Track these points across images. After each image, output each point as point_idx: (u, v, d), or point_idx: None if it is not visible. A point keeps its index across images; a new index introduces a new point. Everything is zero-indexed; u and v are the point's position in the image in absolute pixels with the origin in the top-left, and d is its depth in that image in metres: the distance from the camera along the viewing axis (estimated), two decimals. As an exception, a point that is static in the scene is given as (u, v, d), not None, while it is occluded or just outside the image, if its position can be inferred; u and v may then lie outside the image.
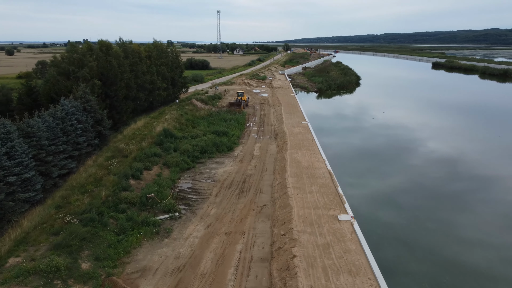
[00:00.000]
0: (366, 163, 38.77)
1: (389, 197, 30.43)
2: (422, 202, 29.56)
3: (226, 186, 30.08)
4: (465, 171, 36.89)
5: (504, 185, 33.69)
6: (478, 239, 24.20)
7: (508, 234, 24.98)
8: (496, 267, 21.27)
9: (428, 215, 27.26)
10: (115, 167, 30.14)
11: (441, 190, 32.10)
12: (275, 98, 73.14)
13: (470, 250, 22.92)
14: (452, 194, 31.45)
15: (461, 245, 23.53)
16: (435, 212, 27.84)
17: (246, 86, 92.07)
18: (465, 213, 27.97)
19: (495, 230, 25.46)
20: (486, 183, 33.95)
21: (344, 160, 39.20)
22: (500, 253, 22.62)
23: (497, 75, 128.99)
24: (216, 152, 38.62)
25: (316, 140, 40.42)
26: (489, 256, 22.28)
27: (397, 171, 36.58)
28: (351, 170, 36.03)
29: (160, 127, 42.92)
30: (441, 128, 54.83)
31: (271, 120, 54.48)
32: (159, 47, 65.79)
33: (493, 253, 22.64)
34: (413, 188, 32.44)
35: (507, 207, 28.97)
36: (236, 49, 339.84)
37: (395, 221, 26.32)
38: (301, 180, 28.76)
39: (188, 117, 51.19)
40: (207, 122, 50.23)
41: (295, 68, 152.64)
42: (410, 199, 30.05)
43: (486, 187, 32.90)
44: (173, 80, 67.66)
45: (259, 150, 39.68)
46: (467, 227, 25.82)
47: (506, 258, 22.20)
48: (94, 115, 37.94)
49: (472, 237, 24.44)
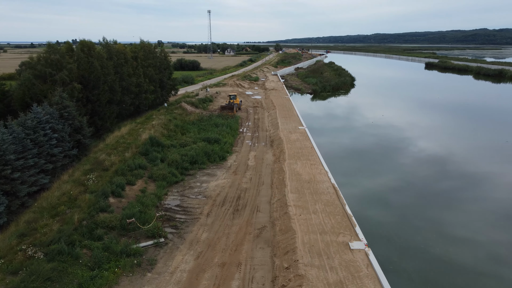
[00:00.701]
0: (371, 173, 35.86)
1: (404, 217, 27.51)
2: (443, 215, 26.73)
3: (219, 203, 26.85)
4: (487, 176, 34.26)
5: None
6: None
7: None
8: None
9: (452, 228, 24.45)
10: (93, 183, 26.70)
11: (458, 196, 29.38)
12: (269, 100, 70.04)
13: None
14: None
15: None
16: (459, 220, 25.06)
17: (238, 87, 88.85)
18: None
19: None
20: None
21: (347, 170, 36.24)
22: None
23: (492, 76, 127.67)
24: (208, 163, 35.35)
25: (315, 148, 37.38)
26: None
27: (407, 181, 33.73)
28: (357, 183, 33.05)
29: (146, 134, 39.48)
30: (444, 130, 52.30)
31: (265, 125, 51.33)
32: (146, 48, 62.24)
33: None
34: (432, 201, 29.61)
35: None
36: (227, 49, 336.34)
37: (413, 246, 23.40)
38: (303, 197, 25.66)
39: (177, 122, 47.77)
40: (197, 127, 46.87)
41: (288, 68, 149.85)
42: (431, 219, 27.18)
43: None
44: (162, 82, 64.18)
45: (254, 159, 36.50)
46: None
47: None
48: (72, 122, 34.41)
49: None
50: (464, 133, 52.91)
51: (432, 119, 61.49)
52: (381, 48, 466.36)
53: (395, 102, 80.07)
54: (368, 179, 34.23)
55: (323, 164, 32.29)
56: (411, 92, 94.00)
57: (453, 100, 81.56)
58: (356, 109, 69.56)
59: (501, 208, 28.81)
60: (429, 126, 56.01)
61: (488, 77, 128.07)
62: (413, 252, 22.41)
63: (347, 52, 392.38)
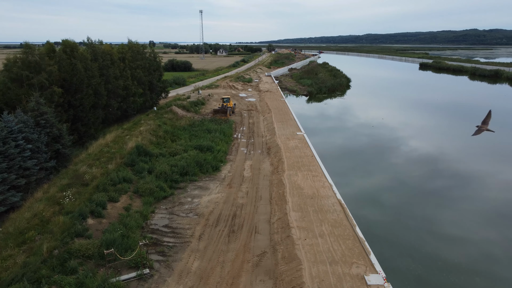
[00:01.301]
0: (379, 185, 33.26)
1: (425, 240, 24.92)
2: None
3: (212, 222, 23.98)
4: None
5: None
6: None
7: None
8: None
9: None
10: (70, 202, 23.67)
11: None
12: (264, 103, 67.26)
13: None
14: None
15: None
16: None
17: (231, 89, 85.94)
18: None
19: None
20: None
21: (352, 182, 33.62)
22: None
23: (488, 76, 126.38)
24: (200, 174, 32.41)
25: (316, 156, 34.64)
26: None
27: (420, 189, 31.20)
28: (365, 197, 30.37)
29: (133, 142, 36.42)
30: (451, 132, 50.02)
31: (261, 130, 48.52)
32: (135, 48, 59.06)
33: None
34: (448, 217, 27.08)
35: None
36: (220, 50, 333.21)
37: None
38: (307, 216, 22.89)
39: (167, 128, 44.72)
40: (188, 134, 43.86)
41: (282, 69, 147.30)
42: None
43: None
44: (151, 84, 61.06)
45: (250, 169, 33.65)
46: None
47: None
48: (50, 130, 31.24)
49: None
50: (465, 134, 50.62)
51: (433, 121, 59.24)
52: (373, 48, 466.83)
53: (394, 104, 77.81)
54: (377, 191, 31.61)
55: (326, 176, 29.57)
56: (408, 93, 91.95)
57: (454, 101, 79.54)
58: (354, 112, 67.09)
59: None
60: (432, 129, 53.71)
61: (484, 77, 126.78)
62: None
63: (340, 52, 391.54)
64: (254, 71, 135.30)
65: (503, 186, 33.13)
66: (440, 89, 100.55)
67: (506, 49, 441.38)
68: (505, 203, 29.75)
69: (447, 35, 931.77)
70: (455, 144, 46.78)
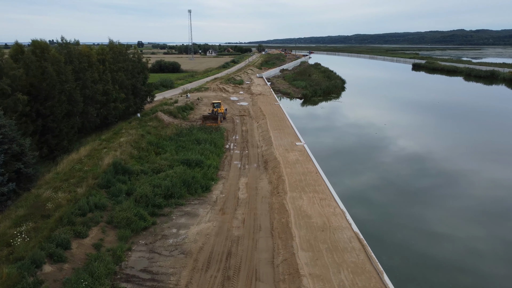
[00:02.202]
0: (394, 208, 29.13)
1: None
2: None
3: (202, 264, 19.46)
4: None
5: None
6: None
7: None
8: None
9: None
10: (23, 242, 18.93)
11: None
12: (257, 108, 62.85)
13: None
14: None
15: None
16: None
17: (222, 92, 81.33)
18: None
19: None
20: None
21: (364, 202, 29.42)
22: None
23: (483, 77, 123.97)
24: (187, 195, 27.86)
25: (321, 173, 30.29)
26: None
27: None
28: (381, 227, 26.16)
29: (110, 157, 31.67)
30: (462, 137, 46.32)
31: (256, 139, 44.08)
32: (116, 49, 54.12)
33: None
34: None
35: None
36: (209, 50, 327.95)
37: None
38: (320, 258, 18.52)
39: (150, 138, 39.99)
40: (175, 144, 39.18)
41: (273, 70, 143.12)
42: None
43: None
44: (135, 88, 56.17)
45: (245, 189, 29.19)
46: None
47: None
48: (9, 147, 26.34)
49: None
50: (473, 136, 47.03)
51: (437, 124, 55.57)
52: (363, 48, 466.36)
53: (392, 106, 74.11)
54: (396, 222, 27.47)
55: (336, 199, 25.26)
56: (405, 95, 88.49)
57: (455, 103, 76.19)
58: (353, 117, 63.07)
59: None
60: (438, 133, 49.96)
61: (479, 78, 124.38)
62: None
63: (331, 52, 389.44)
64: (245, 72, 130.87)
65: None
66: (439, 91, 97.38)
67: (494, 49, 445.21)
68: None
69: (434, 35, 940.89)
70: (477, 153, 43.07)
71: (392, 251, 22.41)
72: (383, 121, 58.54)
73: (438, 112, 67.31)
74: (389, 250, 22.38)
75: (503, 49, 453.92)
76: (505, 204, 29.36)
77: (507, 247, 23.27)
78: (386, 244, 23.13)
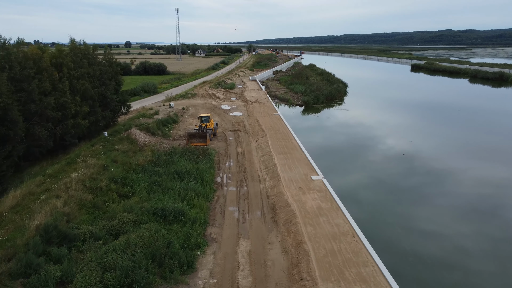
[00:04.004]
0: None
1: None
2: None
3: None
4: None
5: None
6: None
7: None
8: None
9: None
10: None
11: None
12: (253, 120, 52.81)
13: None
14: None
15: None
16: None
17: (212, 99, 71.09)
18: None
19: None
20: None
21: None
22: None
23: (491, 79, 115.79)
24: (157, 281, 17.65)
25: (362, 237, 20.29)
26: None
27: None
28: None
29: (47, 211, 21.31)
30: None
31: (256, 166, 34.02)
32: (79, 51, 43.56)
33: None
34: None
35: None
36: (198, 51, 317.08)
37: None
38: None
39: (115, 171, 29.59)
40: (148, 181, 28.75)
41: (266, 72, 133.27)
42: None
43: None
44: (104, 98, 45.67)
45: (248, 265, 19.11)
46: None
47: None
48: None
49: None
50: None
51: (476, 138, 46.25)
52: (356, 49, 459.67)
53: (407, 115, 64.60)
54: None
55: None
56: (415, 100, 79.22)
57: (481, 109, 67.12)
58: (367, 130, 53.20)
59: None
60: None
61: (487, 80, 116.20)
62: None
63: (322, 53, 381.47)
64: (236, 74, 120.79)
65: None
66: (455, 95, 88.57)
67: (485, 49, 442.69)
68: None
69: (423, 35, 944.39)
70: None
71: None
72: (405, 135, 49.02)
73: (469, 123, 58.07)
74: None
75: (494, 49, 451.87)
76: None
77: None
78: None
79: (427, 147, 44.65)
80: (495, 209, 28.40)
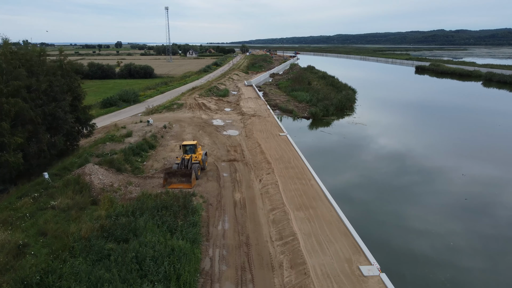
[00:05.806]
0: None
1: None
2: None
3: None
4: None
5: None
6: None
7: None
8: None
9: None
10: None
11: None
12: (254, 143, 41.25)
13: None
14: None
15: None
16: None
17: (201, 111, 59.39)
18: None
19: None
20: None
21: None
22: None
23: (509, 83, 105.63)
24: None
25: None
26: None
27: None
28: None
29: None
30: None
31: (263, 232, 22.46)
32: (16, 56, 31.68)
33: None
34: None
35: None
36: (189, 51, 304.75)
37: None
38: None
39: (37, 258, 17.88)
40: (87, 279, 17.10)
41: (262, 75, 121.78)
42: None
43: None
44: (54, 120, 33.80)
45: None
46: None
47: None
48: None
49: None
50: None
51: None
52: (351, 49, 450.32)
53: (446, 131, 53.29)
54: None
55: None
56: (442, 109, 68.22)
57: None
58: (403, 157, 41.34)
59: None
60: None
61: (504, 84, 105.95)
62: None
63: (317, 53, 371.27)
64: (230, 78, 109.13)
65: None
66: (487, 102, 77.91)
67: (480, 50, 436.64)
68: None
69: (416, 35, 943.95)
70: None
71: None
72: (454, 165, 37.76)
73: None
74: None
75: (489, 49, 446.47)
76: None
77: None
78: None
79: (489, 179, 33.64)
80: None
